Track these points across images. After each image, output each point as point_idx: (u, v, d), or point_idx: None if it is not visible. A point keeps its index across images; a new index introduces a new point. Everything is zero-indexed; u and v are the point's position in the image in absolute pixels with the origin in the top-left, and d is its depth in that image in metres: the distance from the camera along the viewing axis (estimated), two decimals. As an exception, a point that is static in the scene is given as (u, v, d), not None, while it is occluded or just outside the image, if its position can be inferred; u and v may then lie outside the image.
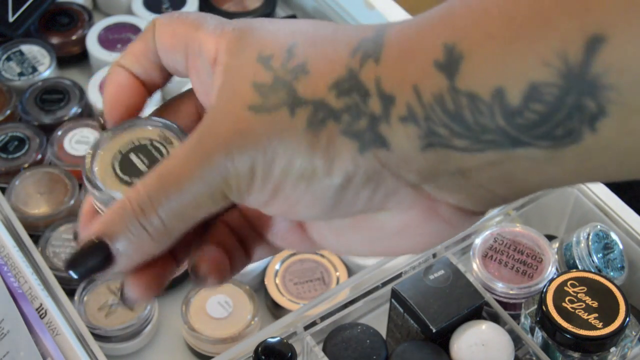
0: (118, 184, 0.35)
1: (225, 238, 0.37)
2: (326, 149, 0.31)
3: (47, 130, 0.76)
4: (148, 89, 0.38)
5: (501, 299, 0.58)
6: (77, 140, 0.75)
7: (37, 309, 0.58)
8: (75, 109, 0.78)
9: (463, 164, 0.30)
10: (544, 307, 0.53)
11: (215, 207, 0.33)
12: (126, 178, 0.36)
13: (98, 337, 0.62)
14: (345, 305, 0.58)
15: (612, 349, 0.53)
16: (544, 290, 0.54)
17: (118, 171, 0.36)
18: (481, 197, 0.31)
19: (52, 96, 0.79)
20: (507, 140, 0.28)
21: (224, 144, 0.32)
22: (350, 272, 0.69)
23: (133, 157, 0.36)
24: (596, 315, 0.52)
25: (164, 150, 0.36)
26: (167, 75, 0.38)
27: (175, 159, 0.33)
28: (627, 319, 0.52)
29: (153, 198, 0.33)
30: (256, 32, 0.34)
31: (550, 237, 0.64)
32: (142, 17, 0.87)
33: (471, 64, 0.28)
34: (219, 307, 0.65)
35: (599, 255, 0.60)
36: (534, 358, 0.55)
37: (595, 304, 0.53)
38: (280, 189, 0.32)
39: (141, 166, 0.36)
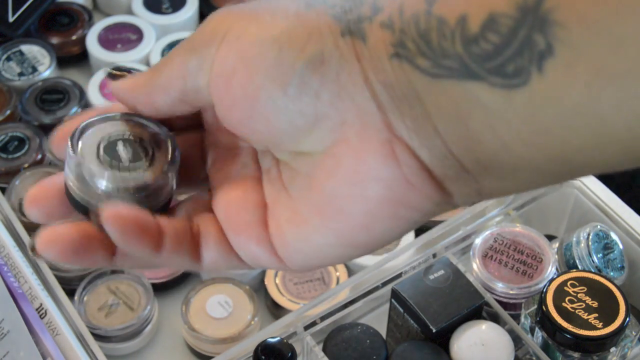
0: (96, 161, 0.35)
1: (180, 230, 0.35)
2: (308, 22, 0.31)
3: (47, 130, 0.76)
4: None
5: (501, 299, 0.58)
6: (77, 140, 0.75)
7: (37, 309, 0.58)
8: (75, 109, 0.78)
9: (422, 87, 0.29)
10: (544, 307, 0.53)
11: (189, 56, 0.33)
12: (107, 159, 0.35)
13: (98, 337, 0.62)
14: (345, 305, 0.58)
15: (612, 349, 0.53)
16: (544, 290, 0.54)
17: (101, 151, 0.36)
18: (437, 152, 0.30)
19: (52, 96, 0.79)
20: (463, 69, 0.28)
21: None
22: (350, 272, 0.69)
23: (119, 145, 0.36)
24: (596, 315, 0.52)
25: (150, 153, 0.36)
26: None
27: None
28: (627, 319, 0.52)
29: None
30: None
31: (550, 237, 0.64)
32: (142, 17, 0.87)
33: None
34: (219, 307, 0.65)
35: (599, 255, 0.60)
36: (534, 358, 0.55)
37: (595, 304, 0.53)
38: (246, 53, 0.32)
39: (123, 156, 0.36)
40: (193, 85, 0.34)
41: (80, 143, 0.36)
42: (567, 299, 0.53)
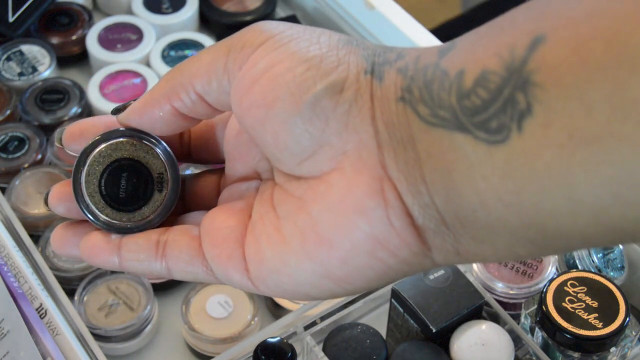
0: (97, 194, 0.38)
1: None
2: (341, 55, 0.33)
3: (47, 130, 0.76)
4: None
5: (501, 299, 0.58)
6: (77, 140, 0.75)
7: (37, 309, 0.58)
8: (75, 109, 0.78)
9: (418, 132, 0.31)
10: (544, 307, 0.53)
11: (215, 64, 0.35)
12: (108, 200, 0.38)
13: (98, 337, 0.62)
14: (345, 305, 0.58)
15: (612, 349, 0.53)
16: (544, 290, 0.54)
17: (102, 185, 0.38)
18: (421, 199, 0.31)
19: (52, 96, 0.79)
20: (454, 121, 0.30)
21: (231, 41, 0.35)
22: (350, 272, 0.68)
23: (122, 179, 0.39)
24: (596, 315, 0.52)
25: (149, 188, 0.39)
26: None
27: None
28: (627, 319, 0.52)
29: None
30: None
31: (550, 237, 0.64)
32: (142, 17, 0.87)
33: (455, 50, 0.31)
34: (219, 307, 0.65)
35: (599, 255, 0.60)
36: (534, 358, 0.55)
37: (595, 304, 0.53)
38: (277, 64, 0.33)
39: (122, 191, 0.39)
40: (218, 83, 0.35)
41: (84, 170, 0.38)
42: (567, 299, 0.53)
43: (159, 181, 0.39)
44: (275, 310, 0.67)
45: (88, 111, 0.80)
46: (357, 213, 0.32)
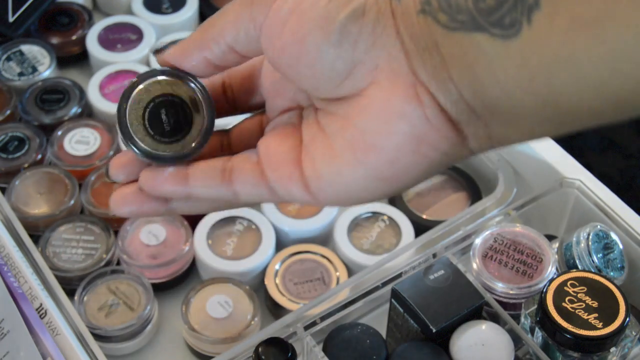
0: (146, 137, 0.42)
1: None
2: (372, 25, 0.36)
3: (47, 130, 0.76)
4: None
5: (501, 299, 0.58)
6: (77, 140, 0.75)
7: (37, 309, 0.58)
8: (75, 109, 0.78)
9: (441, 38, 0.34)
10: (544, 307, 0.53)
11: (243, 13, 0.38)
12: (152, 133, 0.42)
13: (98, 337, 0.62)
14: (345, 305, 0.58)
15: (612, 349, 0.53)
16: (544, 290, 0.54)
17: (147, 125, 0.42)
18: (451, 96, 0.35)
19: (52, 96, 0.79)
20: (471, 22, 0.33)
21: None
22: (350, 272, 0.69)
23: (162, 113, 0.42)
24: (596, 315, 0.52)
25: (189, 113, 0.42)
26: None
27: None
28: (627, 319, 0.52)
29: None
30: None
31: (550, 237, 0.64)
32: (142, 17, 0.87)
33: None
34: (219, 307, 0.65)
35: (599, 255, 0.60)
36: (534, 358, 0.55)
37: (595, 304, 0.53)
38: (296, 10, 0.36)
39: (166, 125, 0.42)
40: (245, 32, 0.39)
41: (127, 106, 0.42)
42: (567, 299, 0.53)
43: (195, 106, 0.42)
44: (275, 310, 0.67)
45: (88, 111, 0.80)
46: (398, 117, 0.36)
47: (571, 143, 0.61)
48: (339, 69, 0.36)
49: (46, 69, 0.81)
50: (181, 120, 0.42)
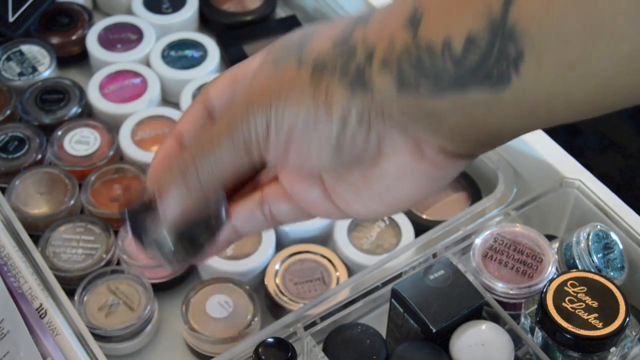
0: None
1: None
2: (325, 97, 0.38)
3: (47, 130, 0.76)
4: None
5: (501, 299, 0.58)
6: (77, 140, 0.75)
7: (37, 309, 0.58)
8: (75, 109, 0.78)
9: (432, 107, 0.36)
10: (544, 307, 0.53)
11: (241, 161, 0.41)
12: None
13: (98, 337, 0.62)
14: (345, 305, 0.58)
15: (612, 349, 0.53)
16: (544, 290, 0.54)
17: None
18: (455, 139, 0.38)
19: (52, 96, 0.79)
20: (459, 83, 0.34)
21: (245, 105, 0.40)
22: (350, 272, 0.69)
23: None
24: (596, 315, 0.52)
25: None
26: None
27: (212, 126, 0.41)
28: (627, 319, 0.52)
29: (193, 154, 0.41)
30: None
31: (550, 237, 0.64)
32: (142, 17, 0.87)
33: (428, 20, 0.35)
34: (219, 307, 0.65)
35: (599, 255, 0.60)
36: (534, 358, 0.55)
37: (595, 304, 0.53)
38: (291, 138, 0.39)
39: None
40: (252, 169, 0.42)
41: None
42: (567, 299, 0.53)
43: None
44: (275, 310, 0.67)
45: (88, 111, 0.80)
46: (413, 176, 0.40)
47: (571, 143, 0.61)
48: (344, 164, 0.40)
49: (46, 69, 0.81)
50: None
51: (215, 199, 0.43)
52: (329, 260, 0.69)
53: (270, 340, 0.53)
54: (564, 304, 0.53)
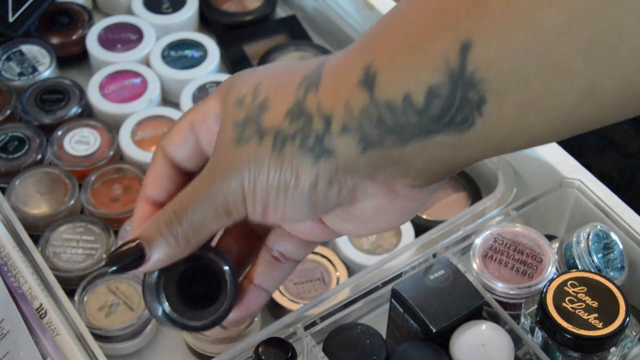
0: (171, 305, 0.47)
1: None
2: (290, 165, 0.40)
3: (47, 130, 0.76)
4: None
5: (501, 299, 0.58)
6: (77, 140, 0.75)
7: (37, 309, 0.58)
8: (75, 109, 0.78)
9: (398, 155, 0.38)
10: (544, 307, 0.53)
11: (222, 222, 0.44)
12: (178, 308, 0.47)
13: (98, 337, 0.62)
14: (345, 305, 0.58)
15: (612, 349, 0.53)
16: (544, 290, 0.54)
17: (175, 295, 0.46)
18: (424, 176, 0.40)
19: (52, 96, 0.79)
20: (423, 132, 0.36)
21: (221, 174, 0.42)
22: (350, 272, 0.69)
23: (190, 288, 0.48)
24: (596, 315, 0.52)
25: (214, 294, 0.48)
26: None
27: (192, 186, 0.44)
28: (627, 319, 0.52)
29: (177, 213, 0.44)
30: (238, 79, 0.43)
31: (550, 237, 0.64)
32: (142, 17, 0.87)
33: (383, 78, 0.36)
34: (219, 307, 0.65)
35: (599, 255, 0.60)
36: (534, 358, 0.55)
37: (595, 304, 0.53)
38: (267, 202, 0.41)
39: (192, 303, 0.47)
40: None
41: (163, 292, 0.45)
42: (567, 299, 0.53)
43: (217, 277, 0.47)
44: (275, 310, 0.67)
45: (88, 111, 0.80)
46: (390, 212, 0.42)
47: (571, 143, 0.61)
48: (323, 213, 0.43)
49: (46, 69, 0.81)
50: (208, 289, 0.47)
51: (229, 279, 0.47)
52: (329, 260, 0.69)
53: (270, 340, 0.53)
54: (564, 304, 0.53)
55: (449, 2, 0.34)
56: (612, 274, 0.60)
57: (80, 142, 0.75)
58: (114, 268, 0.44)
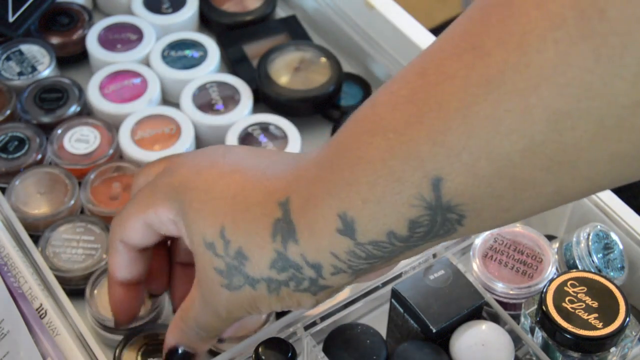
0: None
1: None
2: (290, 300, 0.45)
3: (47, 130, 0.76)
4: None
5: (501, 299, 0.58)
6: (77, 139, 0.75)
7: (37, 309, 0.58)
8: (74, 108, 0.78)
9: (386, 265, 0.45)
10: (544, 307, 0.53)
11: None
12: None
13: (107, 328, 0.62)
14: (345, 305, 0.58)
15: (612, 349, 0.53)
16: (544, 290, 0.54)
17: None
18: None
19: (51, 95, 0.79)
20: (409, 248, 0.41)
21: (227, 311, 0.47)
22: (350, 272, 0.68)
23: None
24: (596, 315, 0.52)
25: None
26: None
27: (191, 301, 0.50)
28: (627, 319, 0.52)
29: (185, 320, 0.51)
30: (186, 187, 0.47)
31: (550, 237, 0.64)
32: (142, 17, 0.87)
33: (363, 223, 0.39)
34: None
35: (599, 255, 0.60)
36: (534, 358, 0.55)
37: (595, 304, 0.53)
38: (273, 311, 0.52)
39: None
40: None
41: None
42: (567, 299, 0.53)
43: None
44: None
45: (88, 111, 0.80)
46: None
47: (571, 143, 0.61)
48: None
49: (46, 69, 0.81)
50: None
51: None
52: (329, 260, 0.68)
53: (270, 340, 0.53)
54: (564, 304, 0.53)
55: (408, 145, 0.37)
56: (612, 274, 0.60)
57: (80, 140, 0.75)
58: None
